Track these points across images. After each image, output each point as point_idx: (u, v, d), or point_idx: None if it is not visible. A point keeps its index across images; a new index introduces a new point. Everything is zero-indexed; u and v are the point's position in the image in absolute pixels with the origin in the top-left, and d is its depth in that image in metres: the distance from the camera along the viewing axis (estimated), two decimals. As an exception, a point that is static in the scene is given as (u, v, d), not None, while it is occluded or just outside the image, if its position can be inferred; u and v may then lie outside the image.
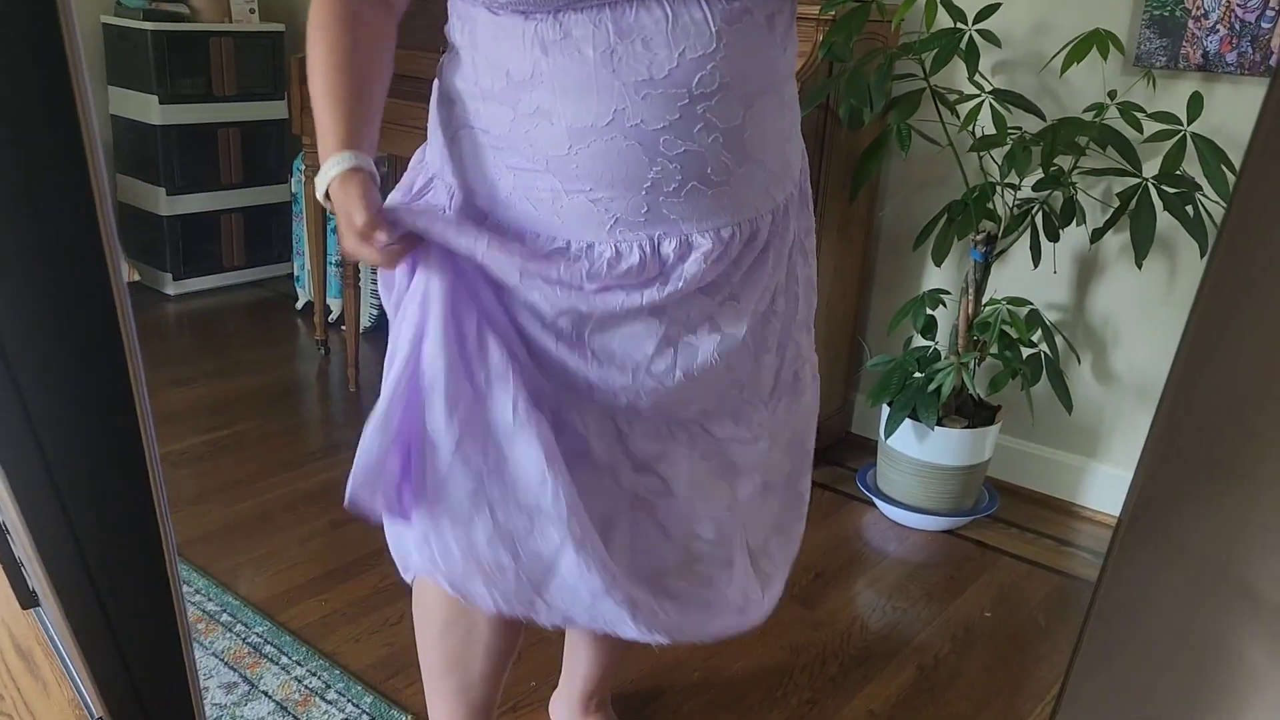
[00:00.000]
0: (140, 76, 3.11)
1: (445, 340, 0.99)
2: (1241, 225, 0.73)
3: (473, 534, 1.03)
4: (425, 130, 1.12)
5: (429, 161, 1.10)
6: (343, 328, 2.91)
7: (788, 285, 1.13)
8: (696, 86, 0.93)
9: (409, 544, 1.12)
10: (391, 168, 2.97)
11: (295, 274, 3.34)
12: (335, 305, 3.14)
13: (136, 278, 3.43)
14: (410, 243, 1.00)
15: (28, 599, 1.30)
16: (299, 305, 3.31)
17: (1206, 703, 1.03)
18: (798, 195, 1.12)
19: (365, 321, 3.09)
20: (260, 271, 3.56)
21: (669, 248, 0.99)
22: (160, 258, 3.32)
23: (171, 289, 3.35)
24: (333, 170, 0.99)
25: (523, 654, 1.70)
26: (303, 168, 2.80)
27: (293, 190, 3.27)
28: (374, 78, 1.05)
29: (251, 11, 3.25)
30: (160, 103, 3.10)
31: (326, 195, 1.00)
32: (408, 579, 1.19)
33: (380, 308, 3.15)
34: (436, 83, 1.09)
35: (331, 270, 3.08)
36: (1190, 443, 0.88)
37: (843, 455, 2.49)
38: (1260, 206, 0.68)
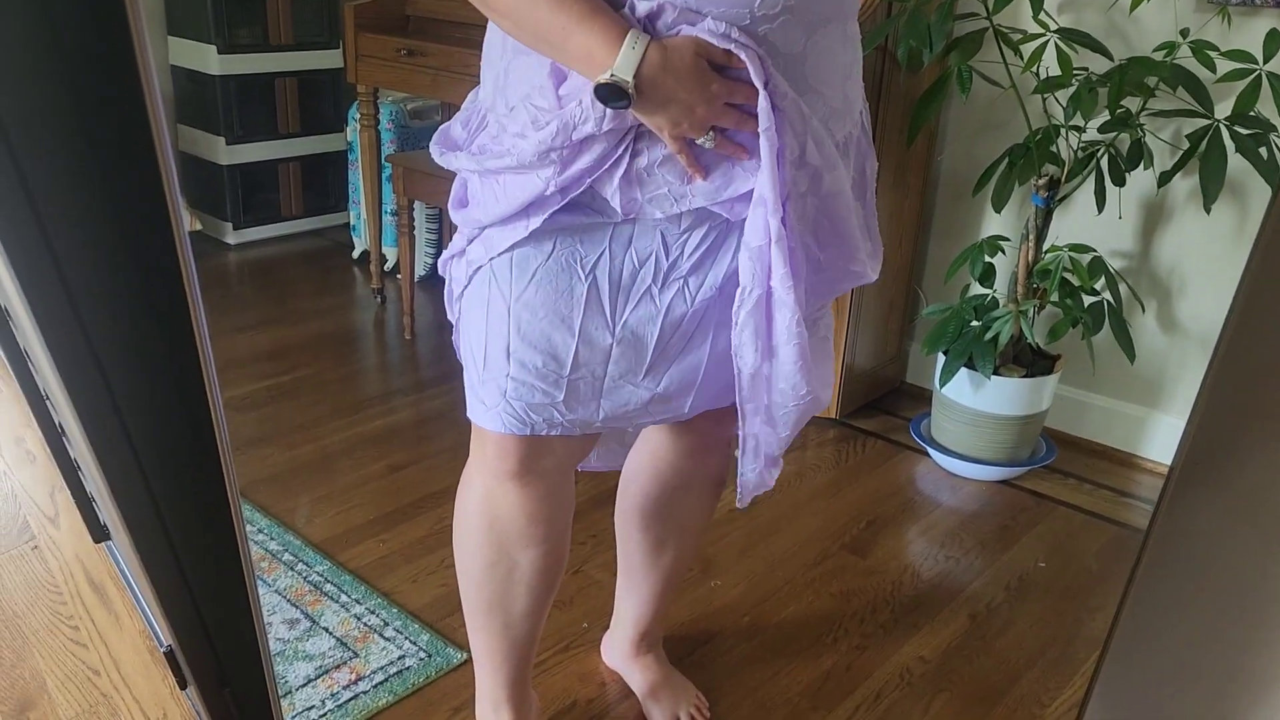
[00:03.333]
0: (199, 26, 3.14)
1: None
2: None
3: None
4: (477, 76, 1.12)
5: (481, 99, 1.10)
6: (398, 276, 2.94)
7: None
8: (760, 8, 0.90)
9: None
10: (444, 114, 2.97)
11: (351, 223, 3.38)
12: (390, 254, 3.17)
13: (199, 227, 3.50)
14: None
15: (100, 533, 1.36)
16: (355, 254, 3.35)
17: (1263, 647, 1.02)
18: (860, 135, 1.10)
19: (420, 270, 3.11)
20: (317, 221, 3.60)
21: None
22: (221, 207, 3.38)
23: (232, 238, 3.41)
24: (637, 46, 0.88)
25: (574, 598, 1.73)
26: (358, 116, 2.82)
27: (348, 139, 3.30)
28: None
29: (306, -41, 3.26)
30: (219, 53, 3.13)
31: (635, 87, 0.89)
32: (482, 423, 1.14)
33: (435, 255, 3.18)
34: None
35: (387, 219, 3.11)
36: (1246, 390, 0.86)
37: (897, 405, 2.47)
38: None
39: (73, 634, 1.55)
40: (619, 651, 1.53)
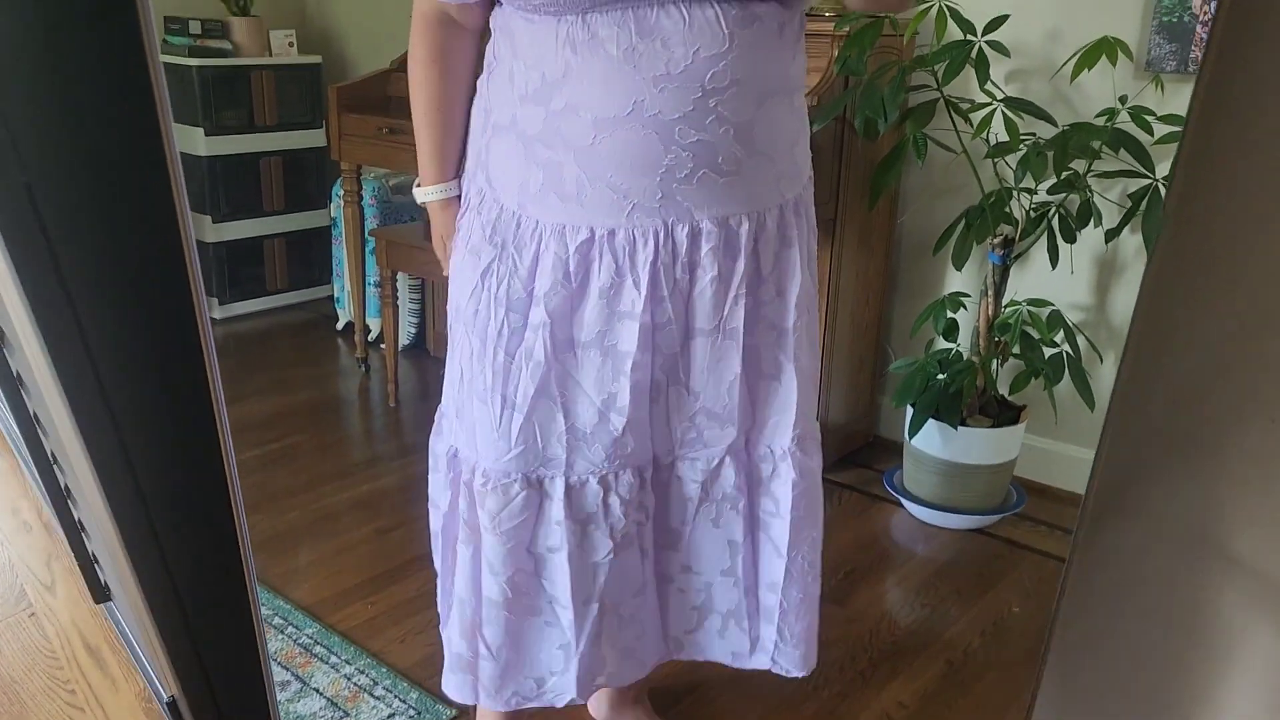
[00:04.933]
0: (186, 110, 3.25)
1: None
2: (1184, 211, 0.79)
3: None
4: None
5: (466, 170, 1.24)
6: (382, 346, 3.00)
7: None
8: (709, 81, 1.03)
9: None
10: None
11: (335, 295, 3.45)
12: (374, 324, 3.24)
13: (184, 303, 3.56)
14: None
15: (100, 594, 1.39)
16: (339, 326, 3.42)
17: (1189, 664, 1.08)
18: (810, 200, 1.20)
19: (404, 339, 3.18)
20: (301, 294, 3.67)
21: (682, 233, 1.09)
22: (207, 282, 3.44)
23: (219, 313, 3.47)
24: (432, 196, 1.29)
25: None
26: (341, 193, 2.91)
27: (332, 215, 3.39)
28: (459, 104, 1.25)
29: (290, 45, 3.38)
30: (205, 135, 3.23)
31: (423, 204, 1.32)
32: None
33: (418, 325, 3.25)
34: (475, 102, 1.22)
35: (371, 290, 3.19)
36: (1154, 421, 0.94)
37: (870, 458, 2.54)
38: (1199, 188, 0.75)
39: (70, 698, 1.57)
40: (608, 703, 1.57)
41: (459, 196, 1.25)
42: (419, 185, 1.29)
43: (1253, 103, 0.64)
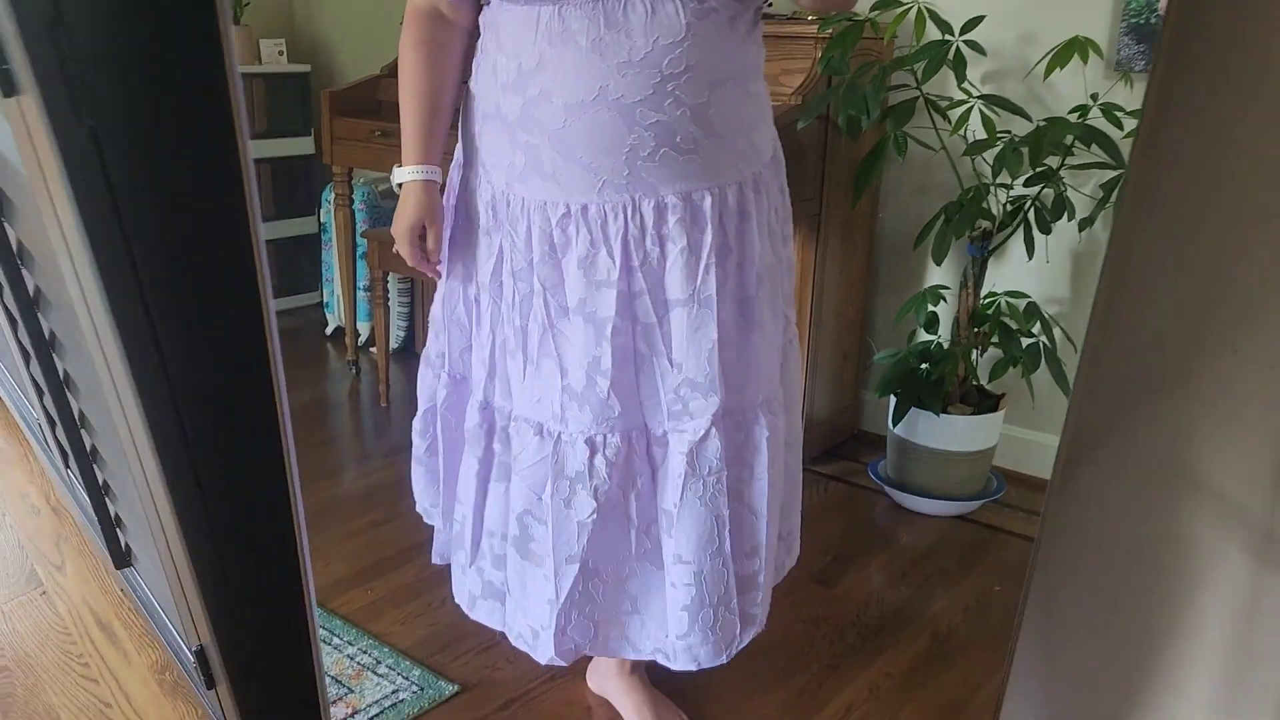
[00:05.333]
0: (176, 117, 3.29)
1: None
2: (1144, 172, 0.87)
3: None
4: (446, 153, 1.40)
5: (465, 160, 1.36)
6: (372, 349, 3.05)
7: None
8: (667, 67, 1.14)
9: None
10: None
11: (324, 300, 3.49)
12: (364, 328, 3.28)
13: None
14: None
15: (121, 559, 1.42)
16: (328, 331, 3.45)
17: (1163, 588, 1.16)
18: (772, 180, 1.31)
19: (394, 342, 3.22)
20: (290, 300, 3.70)
21: (648, 207, 1.20)
22: (196, 289, 3.47)
23: (207, 319, 3.50)
24: (411, 176, 1.34)
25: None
26: (331, 197, 2.95)
27: (321, 220, 3.43)
28: (445, 91, 1.36)
29: (280, 54, 3.43)
30: (195, 141, 3.26)
31: (399, 185, 1.37)
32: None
33: (407, 329, 3.29)
34: (466, 95, 1.35)
35: (361, 294, 3.23)
36: (1124, 363, 1.02)
37: (855, 451, 2.60)
38: (1159, 150, 0.84)
39: (83, 670, 1.61)
40: (606, 674, 1.61)
41: (437, 182, 1.36)
42: (398, 167, 1.37)
43: (1203, 89, 0.74)
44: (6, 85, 0.73)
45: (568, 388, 1.25)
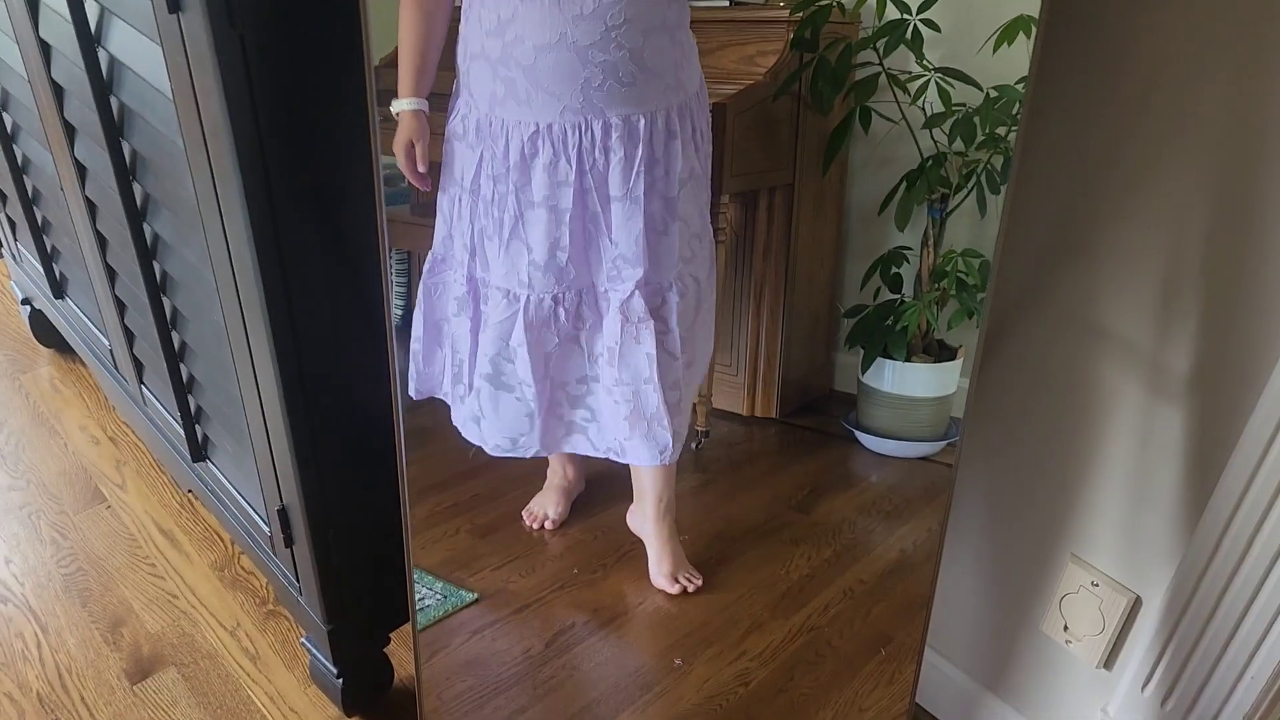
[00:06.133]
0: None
1: None
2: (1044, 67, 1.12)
3: None
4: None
5: (459, 93, 1.71)
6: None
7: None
8: (610, 19, 1.48)
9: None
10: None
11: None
12: (362, 306, 3.44)
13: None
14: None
15: (198, 453, 1.58)
16: (327, 311, 3.61)
17: (1079, 425, 1.40)
18: (697, 109, 1.72)
19: (395, 321, 3.38)
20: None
21: (597, 127, 1.54)
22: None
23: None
24: (406, 106, 1.68)
25: (564, 552, 2.00)
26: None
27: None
28: (435, 40, 1.68)
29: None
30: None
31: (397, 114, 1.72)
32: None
33: (405, 305, 3.46)
34: (459, 41, 1.69)
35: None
36: (1034, 234, 1.26)
37: (827, 407, 2.80)
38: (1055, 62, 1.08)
39: (150, 569, 1.77)
40: (641, 517, 1.95)
41: (425, 111, 1.71)
42: (395, 99, 1.71)
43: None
44: (172, 2, 0.89)
45: (533, 262, 1.62)
